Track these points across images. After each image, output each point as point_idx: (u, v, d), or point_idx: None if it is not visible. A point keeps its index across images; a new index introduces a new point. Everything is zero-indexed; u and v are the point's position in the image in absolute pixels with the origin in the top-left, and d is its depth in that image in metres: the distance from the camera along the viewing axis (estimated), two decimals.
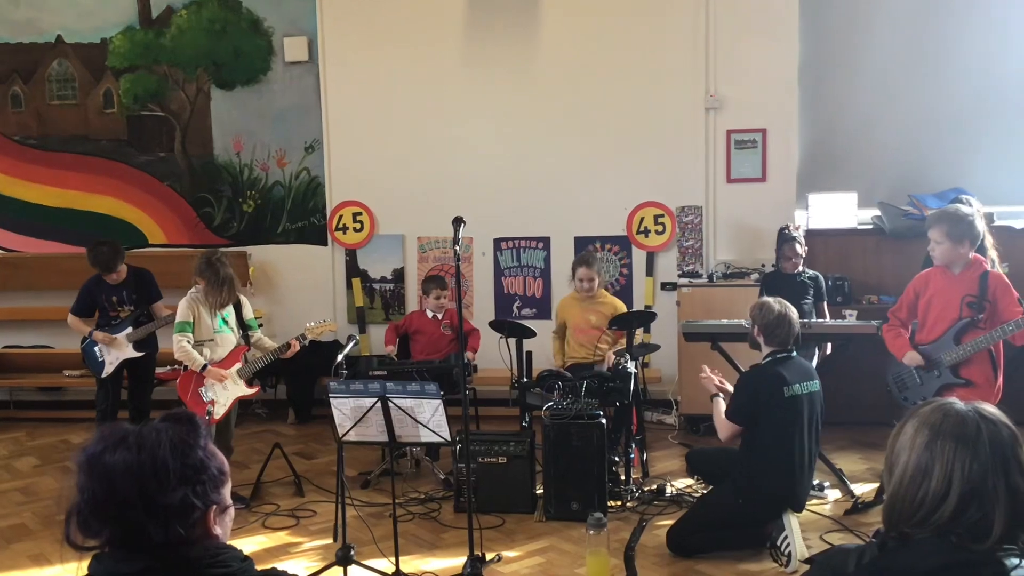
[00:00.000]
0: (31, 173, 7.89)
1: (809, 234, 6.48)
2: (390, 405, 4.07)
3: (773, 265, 6.43)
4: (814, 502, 5.15)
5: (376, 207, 7.52)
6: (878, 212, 6.94)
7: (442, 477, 5.74)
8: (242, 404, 6.48)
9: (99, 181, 7.83)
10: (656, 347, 6.18)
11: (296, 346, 5.58)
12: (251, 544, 4.93)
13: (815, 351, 5.95)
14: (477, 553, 4.32)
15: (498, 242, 7.44)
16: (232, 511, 1.76)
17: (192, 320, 5.43)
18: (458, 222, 4.42)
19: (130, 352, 6.13)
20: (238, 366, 5.53)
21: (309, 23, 7.43)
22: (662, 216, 7.18)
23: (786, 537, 4.46)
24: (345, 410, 4.14)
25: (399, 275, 7.58)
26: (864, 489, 5.44)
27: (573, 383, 5.42)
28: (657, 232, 7.20)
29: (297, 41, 7.44)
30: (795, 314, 4.67)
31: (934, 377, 4.77)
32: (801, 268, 6.17)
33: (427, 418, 4.08)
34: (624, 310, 6.17)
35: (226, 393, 5.48)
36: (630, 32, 7.10)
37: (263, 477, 5.75)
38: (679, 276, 7.17)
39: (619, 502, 5.30)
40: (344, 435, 4.20)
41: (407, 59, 7.34)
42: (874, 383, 6.20)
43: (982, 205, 5.41)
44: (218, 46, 7.57)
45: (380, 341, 6.91)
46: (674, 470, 5.89)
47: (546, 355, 6.23)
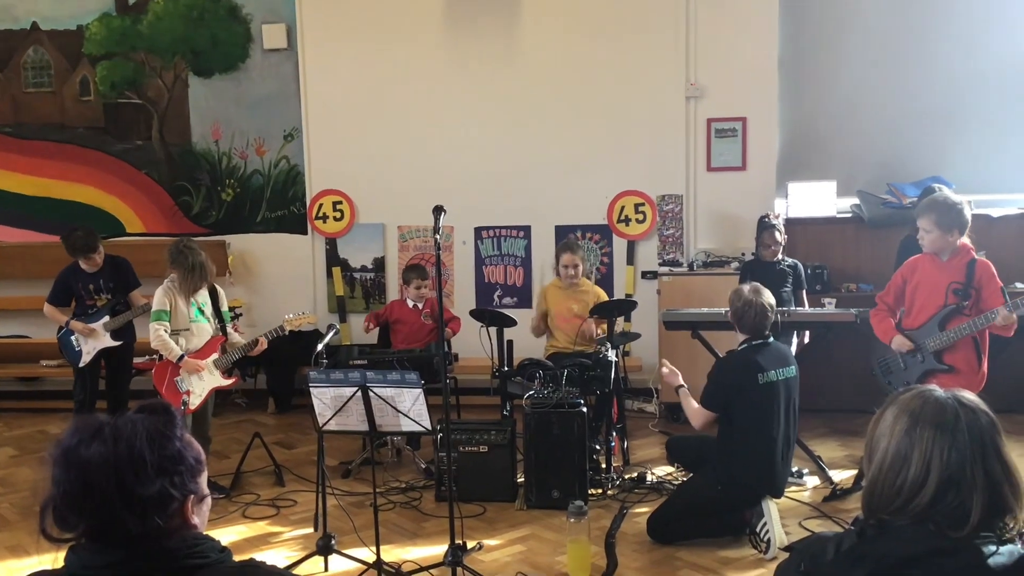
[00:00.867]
0: (6, 161, 7.81)
1: (789, 222, 6.50)
2: (370, 394, 4.06)
3: (753, 253, 6.45)
4: (793, 489, 5.18)
5: (356, 196, 7.48)
6: (857, 201, 6.98)
7: (423, 466, 5.74)
8: (221, 394, 6.48)
9: (76, 169, 7.75)
10: (637, 335, 6.19)
11: (264, 344, 5.54)
12: (231, 534, 4.92)
13: (793, 339, 5.98)
14: (458, 542, 4.31)
15: (479, 231, 7.43)
16: (209, 501, 1.74)
17: (169, 309, 5.39)
18: (439, 211, 4.39)
19: (107, 341, 6.09)
20: (215, 356, 5.49)
21: (288, 10, 7.38)
22: (643, 205, 7.18)
23: (765, 524, 4.49)
24: (325, 399, 4.12)
25: (380, 264, 7.56)
26: (842, 476, 5.48)
27: (554, 372, 5.43)
28: (638, 221, 7.21)
29: (276, 28, 7.39)
30: (769, 300, 4.68)
31: (918, 362, 4.82)
32: (781, 256, 6.20)
33: (408, 407, 4.07)
34: (605, 299, 6.19)
35: (202, 383, 5.44)
36: (611, 21, 7.08)
37: (243, 467, 5.73)
38: (660, 264, 7.18)
39: (600, 490, 5.31)
40: (324, 424, 4.19)
41: (387, 46, 7.30)
42: (853, 370, 6.27)
43: (958, 193, 5.44)
44: (195, 33, 7.50)
45: (361, 331, 6.89)
46: (655, 458, 5.91)
47: (525, 344, 6.22)
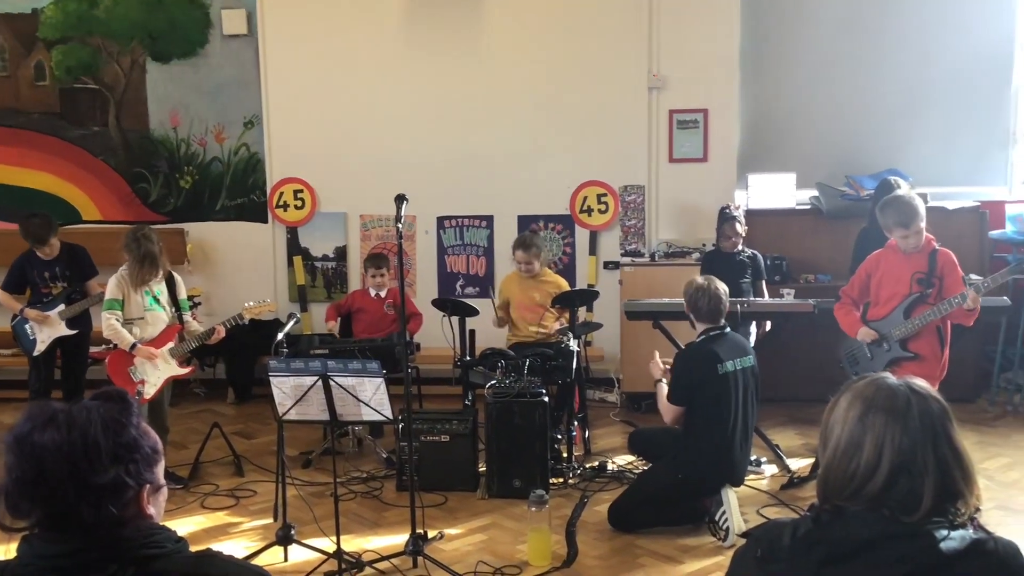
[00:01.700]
0: None
1: (749, 214, 6.55)
2: (331, 383, 4.04)
3: (714, 244, 6.50)
4: (751, 477, 5.24)
5: (318, 184, 7.42)
6: (816, 193, 7.05)
7: (384, 456, 5.72)
8: (179, 383, 6.41)
9: (31, 155, 7.59)
10: (598, 325, 6.22)
11: (222, 332, 5.48)
12: (189, 524, 4.88)
13: (752, 329, 6.05)
14: (419, 531, 4.32)
15: (441, 220, 7.40)
16: (166, 491, 1.73)
17: (121, 298, 5.31)
18: (401, 199, 4.39)
19: (63, 330, 6.00)
20: (170, 345, 5.42)
21: None
22: (605, 195, 7.21)
23: (724, 512, 4.54)
24: (285, 389, 4.10)
25: (341, 253, 7.51)
26: (800, 464, 5.55)
27: (516, 361, 5.44)
28: (600, 211, 7.23)
29: (235, 14, 7.28)
30: (723, 290, 4.73)
31: (884, 351, 4.91)
32: (741, 247, 6.25)
33: (369, 396, 4.06)
34: (567, 288, 6.20)
35: (157, 373, 5.37)
36: (574, 11, 7.08)
37: (202, 457, 5.68)
38: (622, 255, 7.21)
39: (561, 479, 5.34)
40: (284, 414, 4.17)
41: (349, 34, 7.23)
42: (811, 360, 6.35)
43: (914, 186, 5.54)
44: (153, 18, 7.37)
45: (322, 320, 6.84)
46: (616, 447, 5.95)
47: (487, 334, 6.22)
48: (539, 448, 5.15)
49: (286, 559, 4.39)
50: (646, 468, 5.17)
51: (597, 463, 5.57)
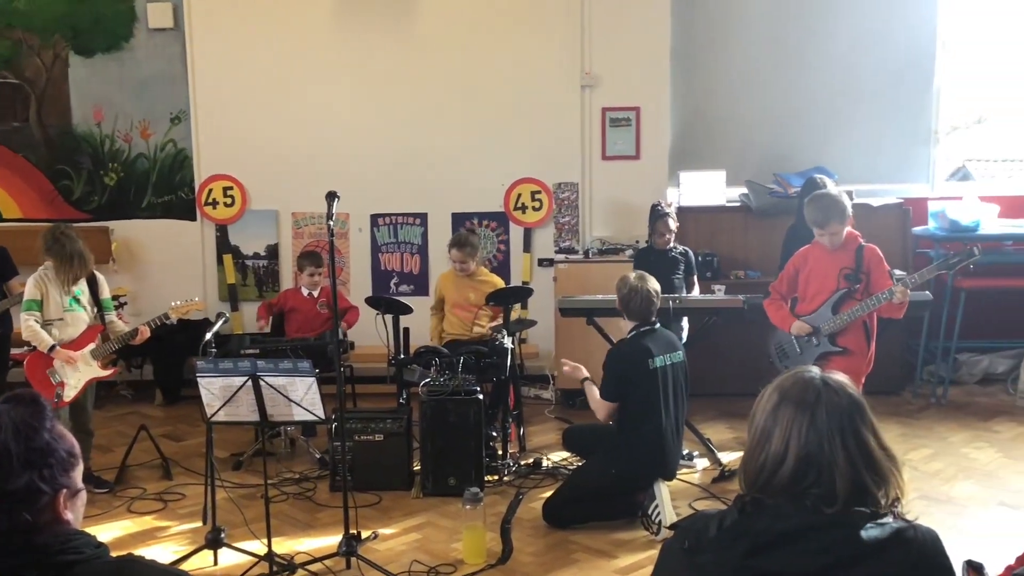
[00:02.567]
0: None
1: (680, 211, 6.63)
2: (261, 383, 3.97)
3: (647, 241, 6.56)
4: (683, 471, 5.30)
5: (248, 181, 7.30)
6: (745, 190, 7.17)
7: (318, 456, 5.66)
8: (105, 385, 6.26)
9: None
10: (532, 323, 6.23)
11: (146, 332, 5.33)
12: (116, 529, 4.75)
13: (684, 324, 6.12)
14: (353, 531, 4.27)
15: (375, 218, 7.35)
16: (84, 495, 1.68)
17: (40, 298, 5.15)
18: (332, 197, 4.34)
19: None
20: (92, 346, 5.27)
21: None
22: (539, 192, 7.22)
23: (657, 506, 4.59)
24: (214, 389, 4.02)
25: (273, 251, 7.40)
26: (731, 457, 5.63)
27: (450, 359, 5.42)
28: (534, 208, 7.25)
29: (161, 7, 7.13)
30: (654, 286, 4.78)
31: (813, 346, 5.00)
32: (673, 244, 6.31)
33: (300, 396, 4.00)
34: (502, 286, 6.20)
35: (78, 375, 5.22)
36: (507, 10, 7.09)
37: (128, 460, 5.55)
38: (556, 252, 7.24)
39: (496, 476, 5.34)
40: (213, 415, 4.09)
41: (279, 28, 7.13)
42: (741, 355, 6.46)
43: (840, 184, 5.65)
44: (76, 11, 7.18)
45: (253, 319, 6.75)
46: (551, 444, 5.97)
47: (424, 332, 6.20)
48: (474, 446, 5.14)
49: (216, 563, 4.32)
50: (580, 464, 5.20)
51: (532, 460, 5.58)
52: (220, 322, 4.82)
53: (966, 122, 10.21)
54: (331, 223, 4.26)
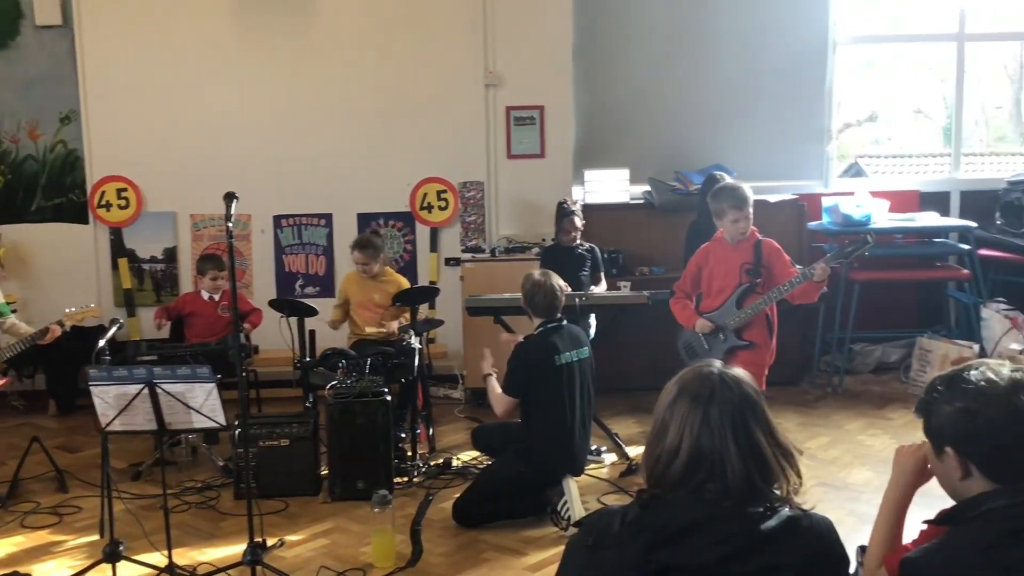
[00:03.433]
0: None
1: (585, 208, 6.69)
2: (158, 391, 3.85)
3: (553, 239, 6.60)
4: (592, 466, 5.35)
5: (143, 183, 7.08)
6: (648, 188, 7.28)
7: (221, 464, 5.52)
8: None
9: None
10: (440, 322, 6.21)
11: (57, 331, 5.15)
12: (8, 545, 4.54)
13: (592, 320, 6.17)
14: (258, 539, 4.18)
15: (278, 219, 7.21)
16: None
17: None
18: (230, 198, 4.22)
19: None
20: None
21: None
22: (445, 192, 7.20)
23: (566, 502, 4.61)
24: (108, 398, 3.87)
25: (171, 254, 7.19)
26: (638, 451, 5.71)
27: (357, 361, 5.36)
28: (440, 208, 7.22)
29: (49, 3, 6.83)
30: (558, 284, 4.82)
31: (720, 341, 5.09)
32: (579, 241, 6.36)
33: (200, 403, 3.89)
34: (408, 287, 6.16)
35: None
36: (408, 8, 7.04)
37: (21, 474, 5.31)
38: (463, 251, 7.22)
39: (406, 478, 5.30)
40: (107, 425, 3.94)
41: (173, 24, 6.93)
42: (647, 350, 6.54)
43: (737, 180, 5.77)
44: None
45: (150, 325, 6.54)
46: (461, 443, 5.95)
47: (327, 334, 6.11)
48: (383, 448, 5.08)
49: None
50: (489, 463, 5.20)
51: (442, 460, 5.56)
52: (114, 328, 4.66)
53: (858, 119, 10.61)
54: (230, 225, 4.15)
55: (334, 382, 5.22)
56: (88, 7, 6.88)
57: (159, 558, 4.14)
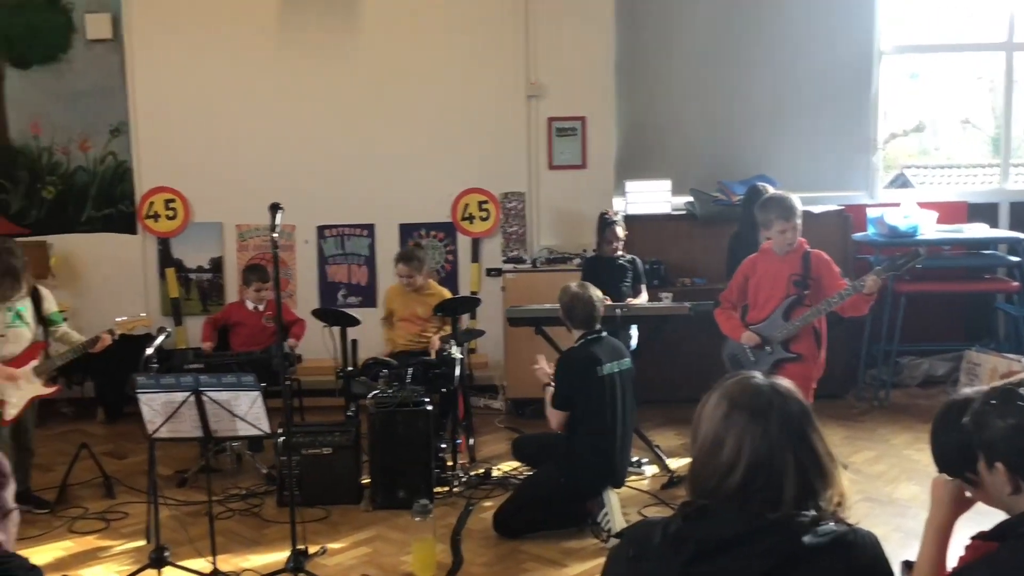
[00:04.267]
0: None
1: (627, 219, 6.67)
2: (204, 398, 3.91)
3: (594, 250, 6.59)
4: (632, 478, 5.32)
5: (191, 193, 7.20)
6: (690, 198, 7.24)
7: (264, 471, 5.58)
8: (46, 403, 6.08)
9: None
10: (481, 332, 6.22)
11: (108, 339, 5.23)
12: (56, 550, 4.63)
13: (634, 331, 6.14)
14: (300, 547, 4.22)
15: (321, 229, 7.29)
16: (17, 515, 1.63)
17: None
18: (275, 208, 4.28)
19: None
20: (34, 363, 5.15)
21: None
22: (486, 202, 7.23)
23: (606, 513, 4.60)
24: (155, 406, 3.94)
25: (217, 264, 7.30)
26: (680, 463, 5.67)
27: (399, 371, 5.39)
28: (482, 218, 7.25)
29: (99, 18, 7.00)
30: (596, 295, 4.80)
31: (767, 354, 5.04)
32: (621, 252, 6.35)
33: (244, 411, 3.94)
34: (450, 297, 6.18)
35: (20, 392, 5.08)
36: (452, 19, 7.09)
37: (69, 479, 5.41)
38: (504, 262, 7.24)
39: (446, 488, 5.31)
40: (154, 432, 4.01)
41: (219, 37, 7.05)
42: (688, 362, 6.50)
43: (780, 191, 5.73)
44: (12, 22, 7.03)
45: (197, 333, 6.64)
46: (501, 453, 5.96)
47: (370, 343, 6.16)
48: (423, 457, 5.11)
49: None
50: (530, 473, 5.19)
51: (482, 470, 5.56)
52: (161, 336, 4.74)
53: (904, 129, 10.47)
54: (275, 235, 4.21)
55: (376, 391, 5.25)
56: (138, 22, 7.02)
57: (204, 564, 4.19)
